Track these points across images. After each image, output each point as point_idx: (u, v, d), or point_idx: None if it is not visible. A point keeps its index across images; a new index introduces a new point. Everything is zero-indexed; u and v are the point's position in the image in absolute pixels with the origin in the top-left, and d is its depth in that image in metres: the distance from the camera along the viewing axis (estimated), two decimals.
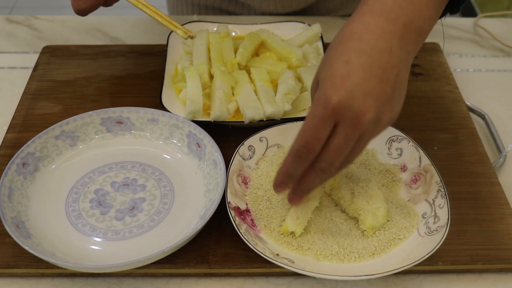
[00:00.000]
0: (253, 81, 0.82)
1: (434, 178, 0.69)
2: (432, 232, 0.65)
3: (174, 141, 0.77)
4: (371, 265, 0.63)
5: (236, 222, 0.64)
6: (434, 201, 0.68)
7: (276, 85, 0.80)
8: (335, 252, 0.65)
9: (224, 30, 0.90)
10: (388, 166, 0.74)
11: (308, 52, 0.88)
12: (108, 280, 0.65)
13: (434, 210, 0.67)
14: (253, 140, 0.74)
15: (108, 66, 0.92)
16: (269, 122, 0.77)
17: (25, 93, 0.87)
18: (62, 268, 0.63)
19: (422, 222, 0.67)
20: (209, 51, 0.87)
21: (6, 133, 0.80)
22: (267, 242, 0.65)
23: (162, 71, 0.85)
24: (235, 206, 0.67)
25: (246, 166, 0.73)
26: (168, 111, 0.77)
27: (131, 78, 0.90)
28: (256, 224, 0.67)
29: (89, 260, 0.65)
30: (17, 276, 0.65)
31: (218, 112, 0.76)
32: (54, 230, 0.68)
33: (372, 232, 0.66)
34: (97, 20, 1.05)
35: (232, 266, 0.65)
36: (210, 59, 0.86)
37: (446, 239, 0.62)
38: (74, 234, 0.67)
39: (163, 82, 0.82)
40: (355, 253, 0.64)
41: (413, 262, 0.61)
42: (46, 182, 0.73)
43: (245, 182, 0.71)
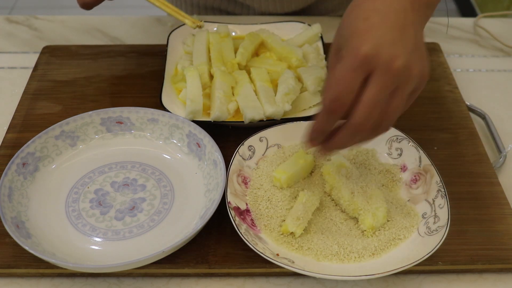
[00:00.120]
0: (253, 81, 0.82)
1: (434, 178, 0.69)
2: (432, 232, 0.65)
3: (174, 141, 0.77)
4: (371, 265, 0.63)
5: (236, 222, 0.64)
6: (434, 201, 0.68)
7: (276, 85, 0.80)
8: (335, 252, 0.65)
9: (224, 30, 0.90)
10: (388, 166, 0.74)
11: (308, 52, 0.88)
12: (108, 280, 0.65)
13: (434, 210, 0.67)
14: (253, 140, 0.74)
15: (108, 66, 0.92)
16: (269, 122, 0.77)
17: (25, 93, 0.87)
18: (62, 268, 0.63)
19: (422, 222, 0.67)
20: (209, 51, 0.87)
21: (6, 133, 0.80)
22: (267, 242, 0.65)
23: (162, 71, 0.85)
24: (235, 206, 0.67)
25: (246, 166, 0.73)
26: (168, 111, 0.77)
27: (131, 78, 0.90)
28: (256, 224, 0.67)
29: (89, 260, 0.65)
30: (17, 276, 0.66)
31: (218, 112, 0.76)
32: (54, 230, 0.68)
33: (372, 232, 0.66)
34: (97, 20, 1.05)
35: (232, 266, 0.65)
36: (210, 59, 0.86)
37: (446, 239, 0.62)
38: (74, 234, 0.67)
39: (163, 82, 0.82)
40: (355, 253, 0.64)
41: (413, 262, 0.61)
42: (46, 182, 0.73)
43: (245, 182, 0.71)
